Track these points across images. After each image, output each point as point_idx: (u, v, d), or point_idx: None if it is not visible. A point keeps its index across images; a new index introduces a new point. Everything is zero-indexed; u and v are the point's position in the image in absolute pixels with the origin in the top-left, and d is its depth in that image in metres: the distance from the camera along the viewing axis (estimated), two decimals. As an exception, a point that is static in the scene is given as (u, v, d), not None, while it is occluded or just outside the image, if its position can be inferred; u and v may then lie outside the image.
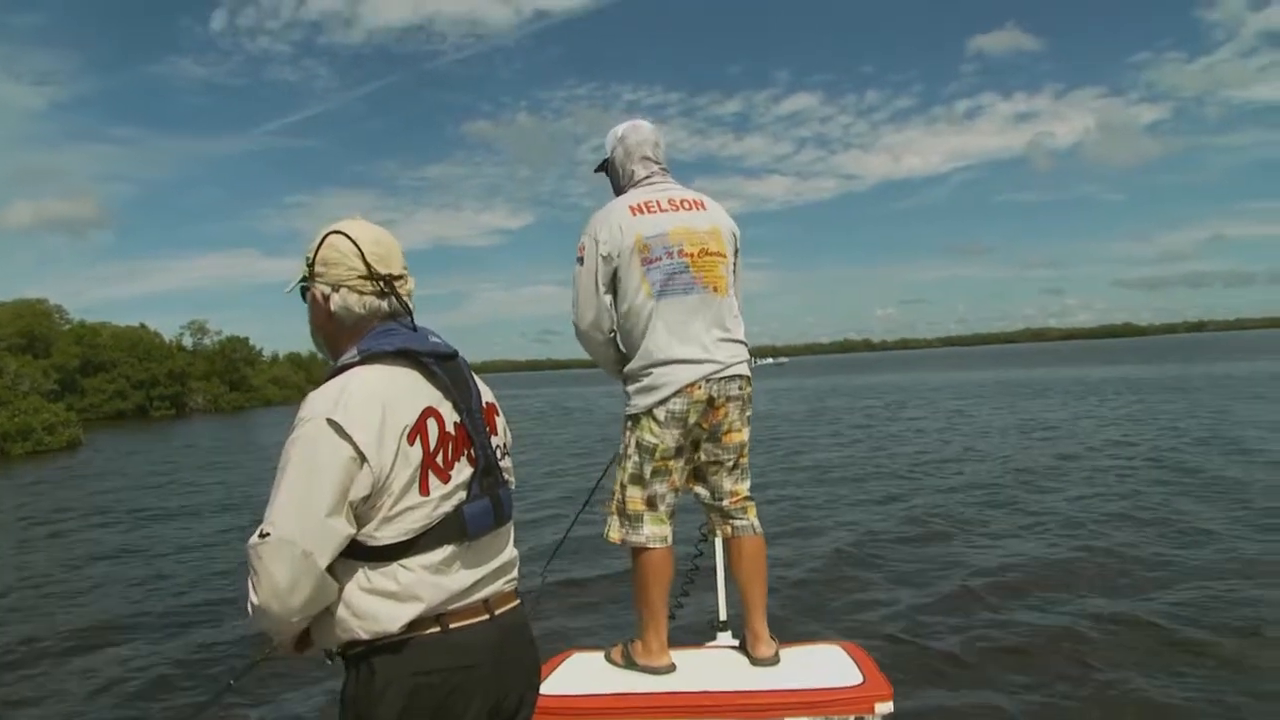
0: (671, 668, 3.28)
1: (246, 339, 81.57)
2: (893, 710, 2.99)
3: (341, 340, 2.07)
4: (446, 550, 1.94)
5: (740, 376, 3.28)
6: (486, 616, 2.01)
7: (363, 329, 2.04)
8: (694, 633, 4.10)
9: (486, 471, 2.03)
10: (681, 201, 3.30)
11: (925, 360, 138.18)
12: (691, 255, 3.21)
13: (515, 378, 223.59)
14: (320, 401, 1.89)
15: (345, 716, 1.93)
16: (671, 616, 3.83)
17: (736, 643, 3.61)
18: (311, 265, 2.06)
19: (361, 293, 2.02)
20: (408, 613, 1.88)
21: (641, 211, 3.25)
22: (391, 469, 1.87)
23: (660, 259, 3.18)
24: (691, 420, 3.18)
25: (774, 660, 3.30)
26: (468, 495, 1.99)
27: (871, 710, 3.00)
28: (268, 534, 1.81)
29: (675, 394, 3.16)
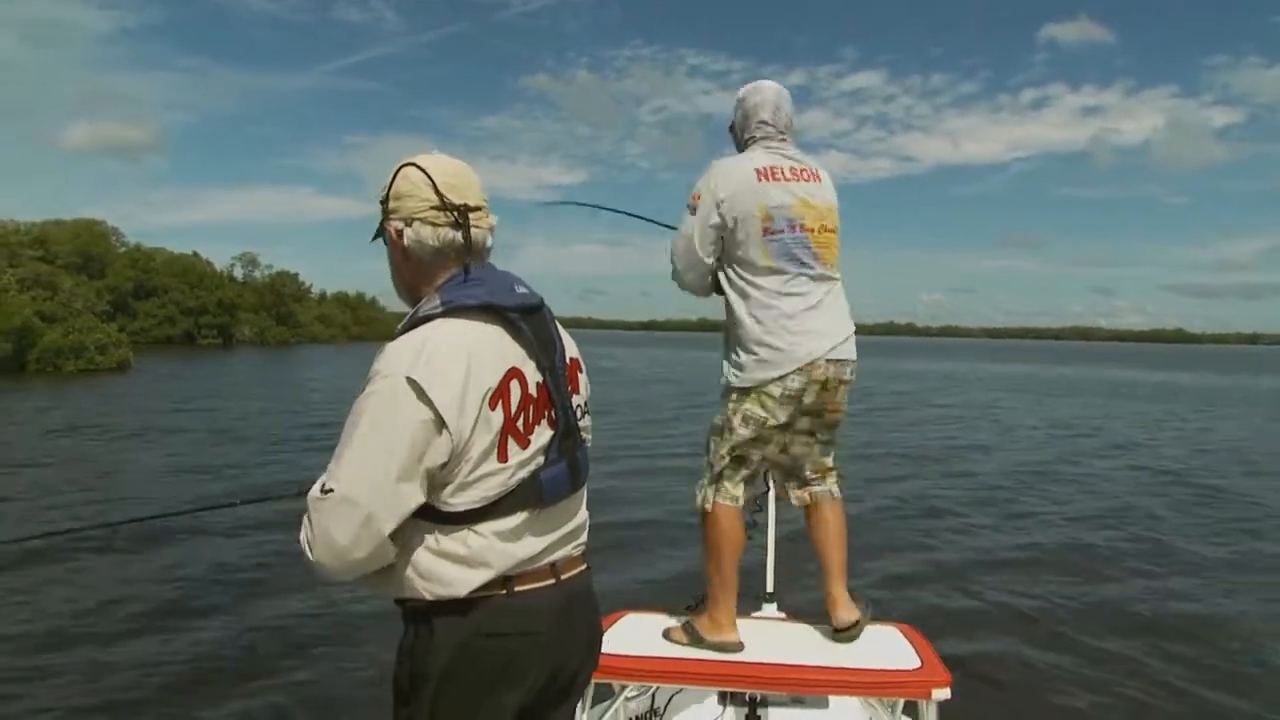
0: (740, 645, 3.11)
1: (296, 275, 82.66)
2: (949, 697, 2.91)
3: (421, 285, 1.96)
4: (521, 516, 1.87)
5: (852, 360, 3.18)
6: (553, 581, 1.94)
7: (440, 271, 1.94)
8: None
9: (566, 434, 1.95)
10: (802, 171, 3.15)
11: (967, 349, 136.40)
12: (813, 231, 3.10)
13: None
14: (400, 357, 1.80)
15: (400, 668, 1.89)
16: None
17: (783, 615, 3.58)
18: (386, 202, 1.95)
19: (435, 224, 1.90)
20: (477, 578, 1.83)
21: (767, 178, 3.09)
22: (471, 435, 1.79)
23: (783, 231, 3.06)
24: (807, 400, 3.08)
25: (855, 627, 3.18)
26: (545, 460, 1.90)
27: (928, 695, 2.93)
28: (331, 490, 1.75)
29: (795, 371, 3.05)
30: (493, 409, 1.82)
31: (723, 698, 3.12)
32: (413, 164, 1.92)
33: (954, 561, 8.24)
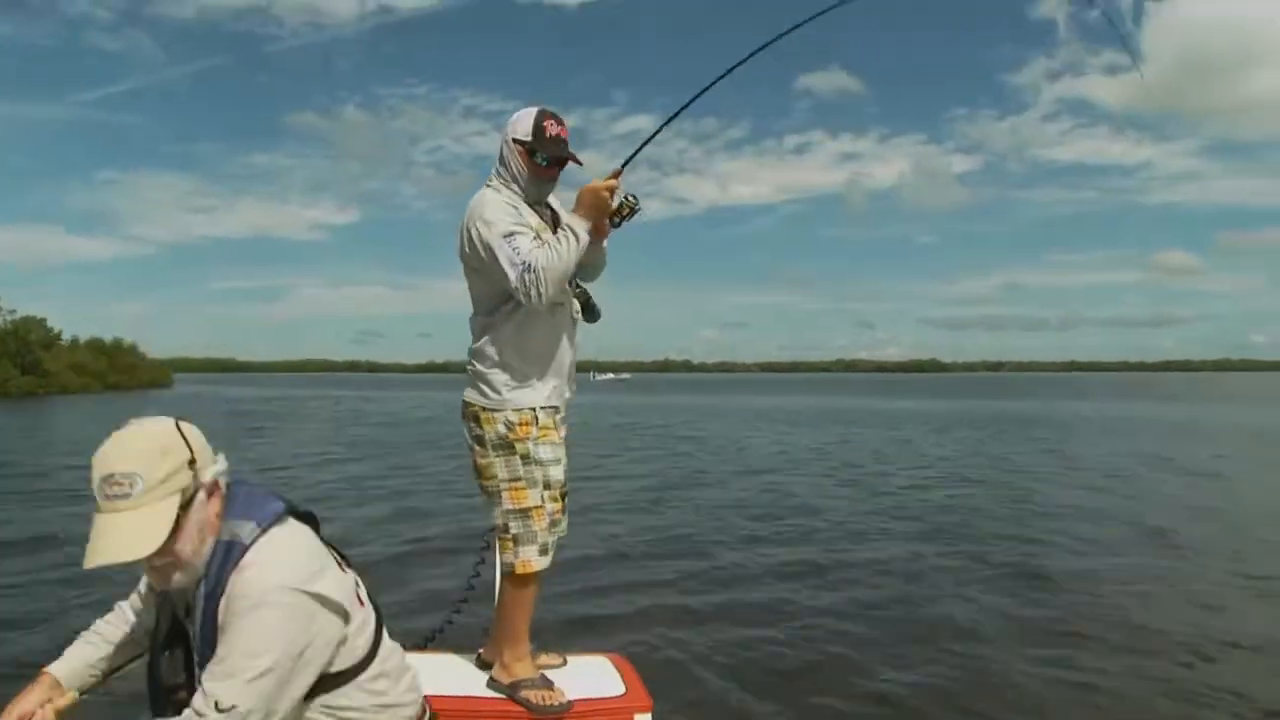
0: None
1: (43, 320, 76.37)
2: None
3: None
4: (393, 653, 2.22)
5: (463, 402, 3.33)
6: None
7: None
8: (466, 637, 4.09)
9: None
10: None
11: (744, 383, 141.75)
12: None
13: (332, 378, 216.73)
14: (278, 574, 1.95)
15: None
16: (450, 622, 4.02)
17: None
18: (192, 464, 2.02)
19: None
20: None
21: None
22: (350, 607, 2.07)
23: None
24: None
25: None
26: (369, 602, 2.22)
27: None
28: (231, 707, 1.82)
29: None
30: (345, 573, 2.13)
31: None
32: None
33: (673, 591, 8.28)
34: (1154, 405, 52.41)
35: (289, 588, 1.92)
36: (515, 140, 3.24)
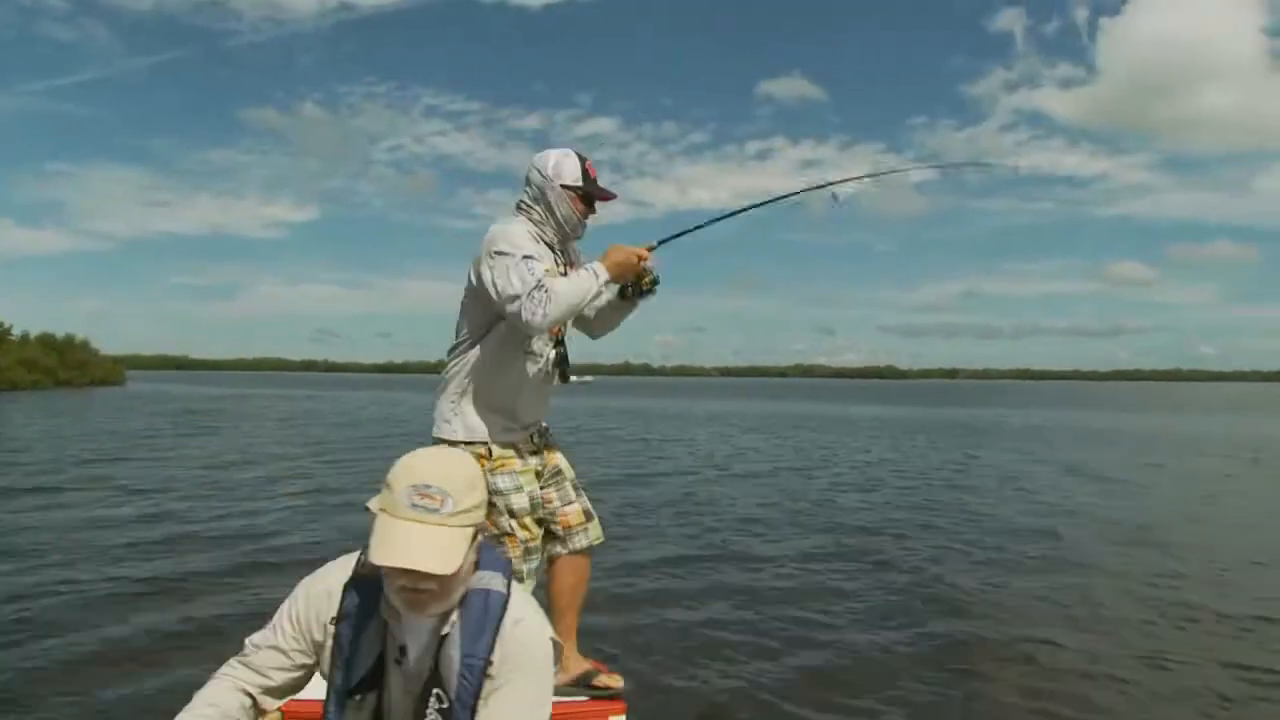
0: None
1: (-10, 315, 75.24)
2: None
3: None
4: None
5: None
6: None
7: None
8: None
9: None
10: None
11: (703, 387, 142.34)
12: None
13: (288, 377, 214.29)
14: (548, 631, 2.10)
15: None
16: None
17: None
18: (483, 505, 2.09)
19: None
20: None
21: None
22: None
23: None
24: None
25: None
26: None
27: None
28: None
29: None
30: None
31: None
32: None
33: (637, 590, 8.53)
34: (1094, 415, 53.48)
35: (551, 648, 2.04)
36: (566, 186, 3.33)
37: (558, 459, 3.57)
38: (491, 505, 3.06)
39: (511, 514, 3.27)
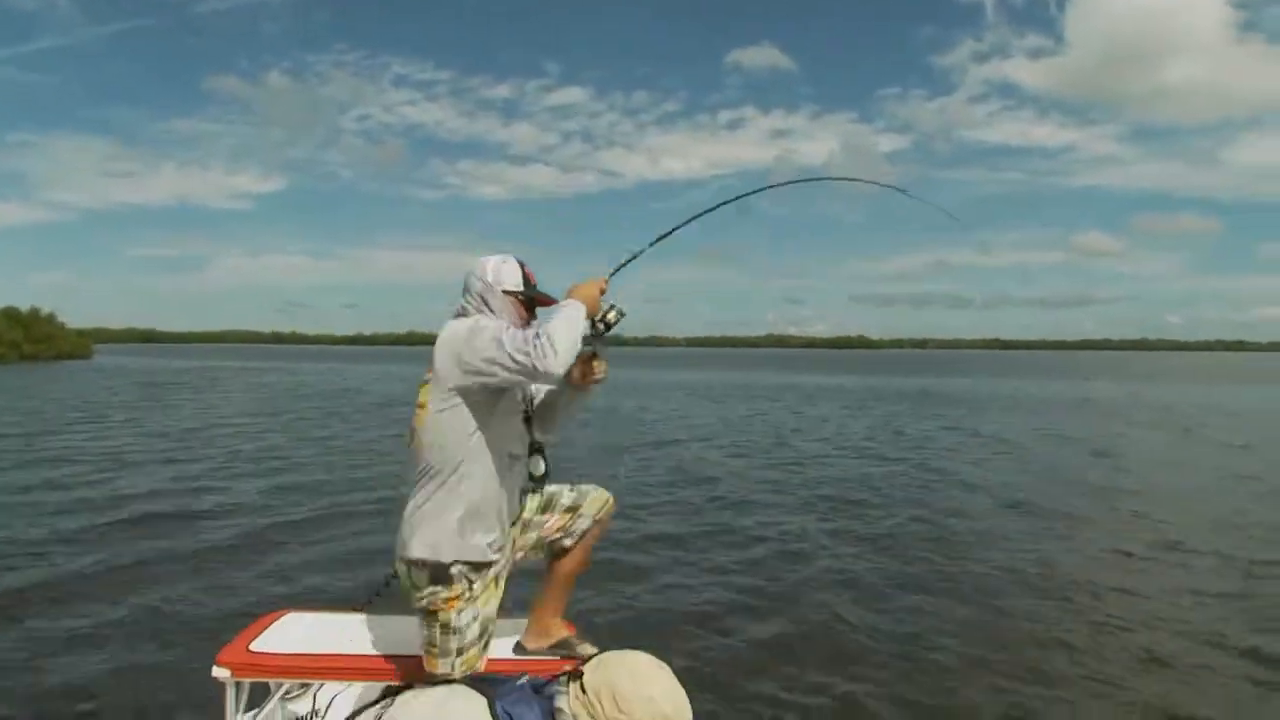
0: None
1: (-49, 288, 73.82)
2: None
3: None
4: None
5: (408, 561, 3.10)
6: None
7: None
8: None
9: None
10: None
11: (672, 358, 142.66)
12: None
13: (255, 350, 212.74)
14: None
15: None
16: (388, 584, 3.74)
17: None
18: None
19: None
20: None
21: None
22: None
23: None
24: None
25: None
26: None
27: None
28: None
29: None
30: None
31: (388, 692, 3.05)
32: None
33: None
34: (1051, 384, 54.07)
35: None
36: (508, 292, 3.21)
37: (524, 514, 3.40)
38: (448, 634, 3.05)
39: (459, 652, 3.10)
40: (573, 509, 3.42)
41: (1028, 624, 6.73)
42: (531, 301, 3.26)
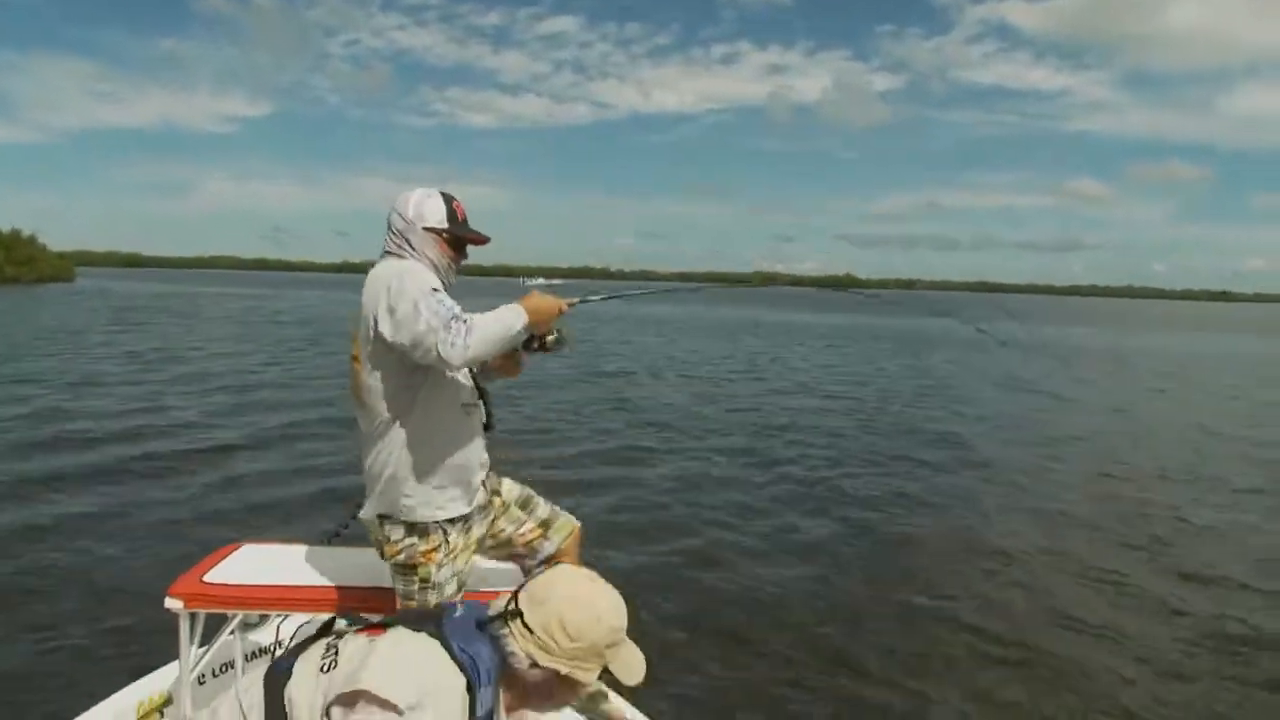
0: None
1: (-71, 208, 72.80)
2: None
3: None
4: None
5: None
6: None
7: None
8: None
9: None
10: None
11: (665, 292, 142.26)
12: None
13: (240, 276, 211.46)
14: None
15: None
16: (354, 518, 3.52)
17: None
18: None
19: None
20: None
21: None
22: None
23: None
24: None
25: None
26: None
27: None
28: None
29: None
30: None
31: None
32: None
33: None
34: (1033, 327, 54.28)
35: None
36: (429, 229, 3.04)
37: (502, 489, 3.33)
38: (427, 589, 2.99)
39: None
40: (545, 524, 3.34)
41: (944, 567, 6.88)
42: (459, 240, 3.10)
